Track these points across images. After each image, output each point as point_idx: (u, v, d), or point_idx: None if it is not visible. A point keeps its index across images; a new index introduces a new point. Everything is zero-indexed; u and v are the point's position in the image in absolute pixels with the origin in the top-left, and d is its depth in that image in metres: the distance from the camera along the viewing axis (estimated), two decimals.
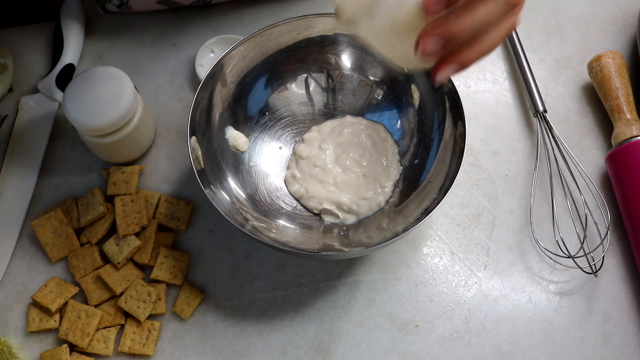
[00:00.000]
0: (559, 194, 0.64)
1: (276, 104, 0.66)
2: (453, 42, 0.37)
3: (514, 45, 0.71)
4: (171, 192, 0.66)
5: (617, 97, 0.65)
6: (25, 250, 0.63)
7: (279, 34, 0.62)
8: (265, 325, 0.60)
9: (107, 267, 0.61)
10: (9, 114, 0.70)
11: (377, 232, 0.59)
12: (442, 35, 0.37)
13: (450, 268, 0.62)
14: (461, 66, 0.39)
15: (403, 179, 0.64)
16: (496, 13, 0.37)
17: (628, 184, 0.62)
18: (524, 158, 0.67)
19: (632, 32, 0.73)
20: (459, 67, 0.39)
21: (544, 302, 0.61)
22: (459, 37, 0.37)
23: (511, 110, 0.70)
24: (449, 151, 0.59)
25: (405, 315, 0.60)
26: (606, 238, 0.60)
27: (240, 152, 0.64)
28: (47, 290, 0.60)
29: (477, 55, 0.40)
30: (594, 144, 0.68)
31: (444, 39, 0.37)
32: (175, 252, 0.62)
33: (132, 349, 0.59)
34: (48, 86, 0.69)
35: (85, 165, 0.67)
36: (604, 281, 0.61)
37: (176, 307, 0.60)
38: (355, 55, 0.65)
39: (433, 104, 0.62)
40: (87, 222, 0.62)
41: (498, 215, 0.64)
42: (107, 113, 0.59)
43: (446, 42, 0.37)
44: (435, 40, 0.37)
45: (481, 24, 0.37)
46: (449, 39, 0.37)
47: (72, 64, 0.70)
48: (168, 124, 0.69)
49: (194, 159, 0.57)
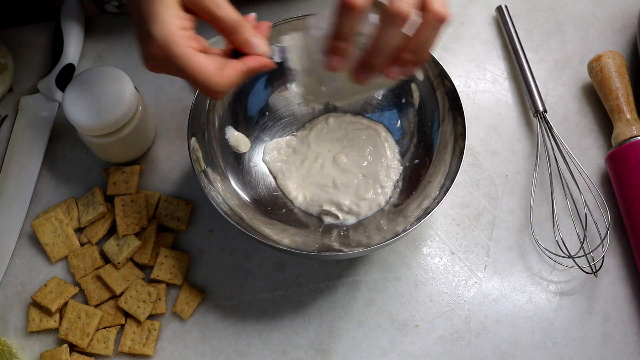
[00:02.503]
0: (559, 194, 0.64)
1: (276, 104, 0.66)
2: (374, 68, 0.46)
3: (514, 45, 0.71)
4: (171, 192, 0.66)
5: (617, 97, 0.65)
6: (25, 250, 0.63)
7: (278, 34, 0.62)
8: (265, 325, 0.60)
9: (107, 267, 0.61)
10: (9, 114, 0.70)
11: (377, 233, 0.59)
12: (364, 67, 0.47)
13: (450, 268, 0.62)
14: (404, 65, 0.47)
15: (403, 179, 0.64)
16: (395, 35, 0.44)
17: (628, 184, 0.62)
18: (524, 158, 0.67)
19: (632, 32, 0.73)
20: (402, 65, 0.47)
21: (544, 302, 0.61)
22: (375, 63, 0.46)
23: (511, 110, 0.70)
24: (449, 151, 0.59)
25: (405, 315, 0.60)
26: (606, 238, 0.60)
27: (240, 152, 0.64)
28: (47, 290, 0.60)
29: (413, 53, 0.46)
30: (594, 144, 0.68)
31: (367, 69, 0.47)
32: (175, 252, 0.62)
33: (132, 349, 0.59)
34: (48, 86, 0.69)
35: (85, 165, 0.67)
36: (604, 281, 0.61)
37: (176, 307, 0.60)
38: None
39: (433, 104, 0.62)
40: (87, 222, 0.62)
41: (498, 215, 0.64)
42: (107, 113, 0.59)
43: (370, 70, 0.47)
44: (363, 72, 0.47)
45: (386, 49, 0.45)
46: (370, 67, 0.46)
47: (72, 64, 0.70)
48: (168, 124, 0.69)
49: (194, 159, 0.57)
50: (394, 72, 0.46)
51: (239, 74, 0.44)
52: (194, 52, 0.42)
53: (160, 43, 0.42)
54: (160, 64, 0.44)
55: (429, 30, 0.44)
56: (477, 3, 0.75)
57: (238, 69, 0.44)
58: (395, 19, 0.42)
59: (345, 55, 0.46)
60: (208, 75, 0.43)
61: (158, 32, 0.42)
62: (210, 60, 0.43)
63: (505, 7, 0.73)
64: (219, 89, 0.44)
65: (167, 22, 0.42)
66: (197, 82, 0.43)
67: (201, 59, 0.43)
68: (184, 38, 0.42)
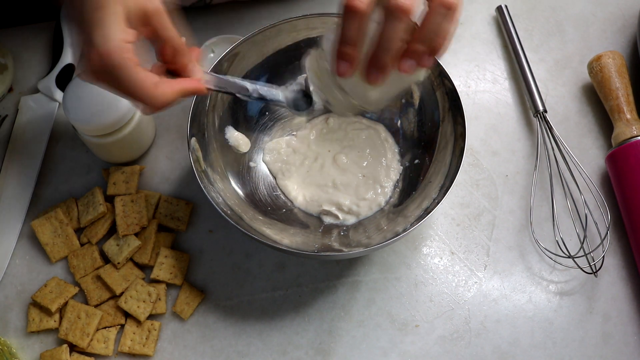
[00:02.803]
0: (559, 194, 0.64)
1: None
2: (384, 66, 0.45)
3: (514, 45, 0.71)
4: (171, 192, 0.66)
5: (617, 97, 0.65)
6: (25, 250, 0.63)
7: (279, 33, 0.62)
8: (265, 325, 0.60)
9: (107, 267, 0.61)
10: (9, 114, 0.70)
11: (377, 233, 0.59)
12: (373, 67, 0.45)
13: (450, 268, 0.62)
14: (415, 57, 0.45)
15: (403, 179, 0.64)
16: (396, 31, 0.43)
17: (628, 184, 0.62)
18: (524, 158, 0.67)
19: (632, 32, 0.73)
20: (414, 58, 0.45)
21: (544, 302, 0.61)
22: (383, 61, 0.45)
23: (511, 110, 0.70)
24: (449, 151, 0.59)
25: (405, 315, 0.60)
26: (606, 238, 0.60)
27: (241, 152, 0.64)
28: (47, 290, 0.60)
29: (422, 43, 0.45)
30: (594, 144, 0.68)
31: (378, 68, 0.45)
32: (175, 252, 0.62)
33: (132, 349, 0.59)
34: (48, 86, 0.69)
35: (85, 165, 0.67)
36: (604, 281, 0.61)
37: (176, 307, 0.60)
38: None
39: (433, 104, 0.62)
40: (87, 222, 0.62)
41: (498, 215, 0.64)
42: (107, 113, 0.59)
43: (381, 69, 0.45)
44: (374, 72, 0.46)
45: (390, 44, 0.44)
46: (379, 66, 0.45)
47: (72, 64, 0.70)
48: (168, 124, 0.69)
49: (194, 159, 0.57)
50: (406, 65, 0.45)
51: (174, 92, 0.46)
52: (134, 64, 0.43)
53: (102, 51, 0.42)
54: (99, 73, 0.44)
55: (437, 18, 0.43)
56: (477, 3, 0.75)
57: (174, 87, 0.46)
58: (397, 14, 0.42)
59: (353, 59, 0.45)
60: (145, 89, 0.44)
61: (100, 40, 0.42)
62: (149, 75, 0.44)
63: (505, 7, 0.73)
64: (156, 103, 0.44)
65: (111, 32, 0.42)
66: (135, 94, 0.44)
67: (140, 72, 0.43)
68: (125, 50, 0.43)
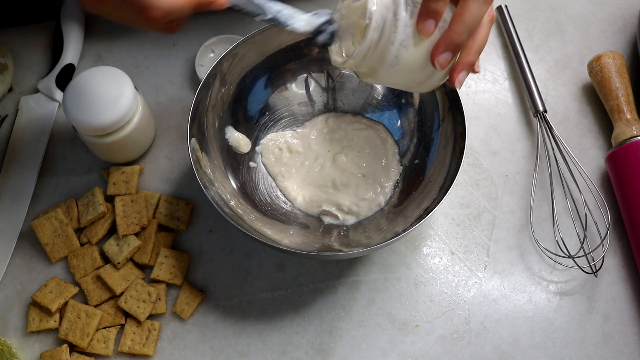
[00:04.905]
0: (559, 194, 0.64)
1: (276, 104, 0.66)
2: (457, 47, 0.45)
3: (514, 45, 0.71)
4: (171, 192, 0.66)
5: (617, 97, 0.65)
6: (25, 250, 0.63)
7: (279, 34, 0.62)
8: (265, 325, 0.60)
9: (107, 267, 0.61)
10: (9, 114, 0.70)
11: (377, 233, 0.59)
12: (447, 46, 0.45)
13: (450, 268, 0.62)
14: (469, 67, 0.47)
15: (403, 179, 0.64)
16: (478, 10, 0.44)
17: (628, 184, 0.62)
18: (524, 158, 0.67)
19: (632, 32, 0.73)
20: (467, 68, 0.47)
21: (544, 302, 0.61)
22: (459, 41, 0.45)
23: (511, 110, 0.70)
24: (449, 151, 0.59)
25: (405, 315, 0.60)
26: (606, 238, 0.60)
27: (241, 152, 0.64)
28: (47, 290, 0.60)
29: (476, 53, 0.47)
30: (594, 144, 0.68)
31: (451, 48, 0.45)
32: (175, 252, 0.62)
33: (132, 349, 0.59)
34: (48, 86, 0.69)
35: (85, 165, 0.67)
36: (604, 281, 0.61)
37: (176, 307, 0.60)
38: None
39: (433, 104, 0.62)
40: (87, 222, 0.62)
41: (498, 215, 0.64)
42: (107, 113, 0.59)
43: (453, 50, 0.45)
44: (445, 52, 0.45)
45: (471, 24, 0.44)
46: (453, 46, 0.45)
47: (72, 64, 0.70)
48: (168, 124, 0.69)
49: (194, 159, 0.57)
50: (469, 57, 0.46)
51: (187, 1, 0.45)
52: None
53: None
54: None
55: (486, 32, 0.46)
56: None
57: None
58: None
59: (439, 18, 0.43)
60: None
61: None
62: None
63: (505, 7, 0.73)
64: (164, 6, 0.44)
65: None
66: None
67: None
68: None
